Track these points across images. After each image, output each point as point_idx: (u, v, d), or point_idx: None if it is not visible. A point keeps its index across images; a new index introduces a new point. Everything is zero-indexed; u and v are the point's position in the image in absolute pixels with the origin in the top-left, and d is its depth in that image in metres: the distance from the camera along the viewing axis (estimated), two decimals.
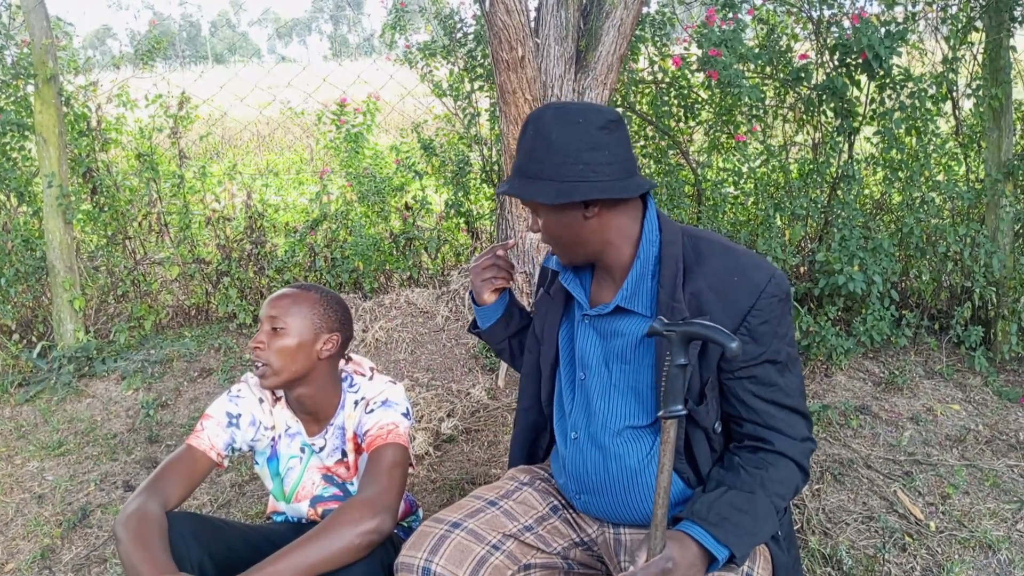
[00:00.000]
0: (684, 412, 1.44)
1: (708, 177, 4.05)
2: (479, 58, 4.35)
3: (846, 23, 3.56)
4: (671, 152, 4.17)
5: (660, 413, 1.45)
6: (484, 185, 4.62)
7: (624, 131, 1.56)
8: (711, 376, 1.56)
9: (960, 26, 3.55)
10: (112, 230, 4.59)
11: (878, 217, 3.96)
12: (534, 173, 1.53)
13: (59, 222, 4.14)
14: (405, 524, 2.15)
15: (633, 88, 4.11)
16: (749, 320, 1.52)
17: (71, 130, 4.35)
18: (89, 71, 4.62)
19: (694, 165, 4.13)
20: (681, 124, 4.16)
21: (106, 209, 4.52)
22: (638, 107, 4.18)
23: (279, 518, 2.10)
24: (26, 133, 4.29)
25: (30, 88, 4.22)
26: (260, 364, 1.87)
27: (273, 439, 2.01)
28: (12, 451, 3.35)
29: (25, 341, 4.27)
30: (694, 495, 1.58)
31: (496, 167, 4.34)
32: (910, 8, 3.70)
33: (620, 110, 4.19)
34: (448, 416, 3.31)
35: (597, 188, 1.49)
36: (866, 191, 4.06)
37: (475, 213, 4.66)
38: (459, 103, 4.51)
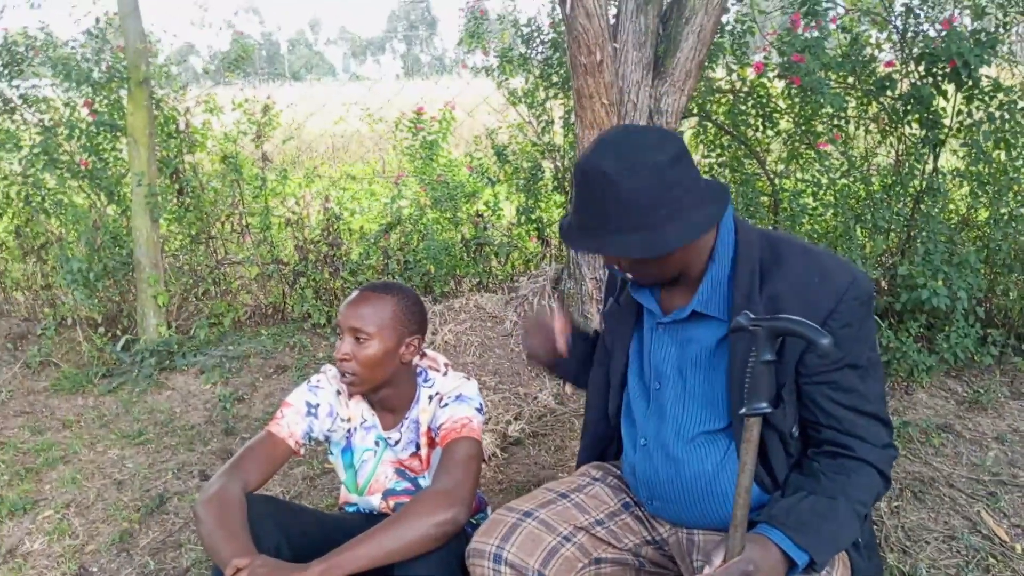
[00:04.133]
0: (769, 409, 1.40)
1: (786, 187, 3.97)
2: (555, 65, 4.38)
3: (931, 32, 3.47)
4: (747, 162, 4.11)
5: (743, 410, 1.41)
6: (555, 193, 4.64)
7: (688, 154, 1.48)
8: (787, 380, 1.51)
9: None
10: (196, 230, 4.73)
11: (963, 232, 3.83)
12: (615, 227, 1.45)
13: (146, 220, 4.29)
14: (474, 521, 2.15)
15: (709, 97, 4.07)
16: (830, 323, 1.46)
17: (160, 132, 4.50)
18: (176, 77, 4.80)
19: (771, 176, 4.06)
20: (759, 134, 4.10)
21: (191, 209, 4.66)
22: (715, 116, 4.14)
23: (351, 509, 2.12)
24: (117, 134, 4.47)
25: (123, 92, 4.39)
26: (348, 374, 1.88)
27: (349, 431, 2.03)
28: (95, 439, 3.47)
29: (110, 334, 4.42)
30: (771, 500, 1.54)
31: (568, 174, 4.35)
32: (1000, 17, 3.59)
33: (696, 119, 4.15)
34: (515, 419, 3.31)
35: (687, 229, 1.43)
36: (951, 206, 3.93)
37: (545, 220, 4.67)
38: (533, 110, 4.54)
